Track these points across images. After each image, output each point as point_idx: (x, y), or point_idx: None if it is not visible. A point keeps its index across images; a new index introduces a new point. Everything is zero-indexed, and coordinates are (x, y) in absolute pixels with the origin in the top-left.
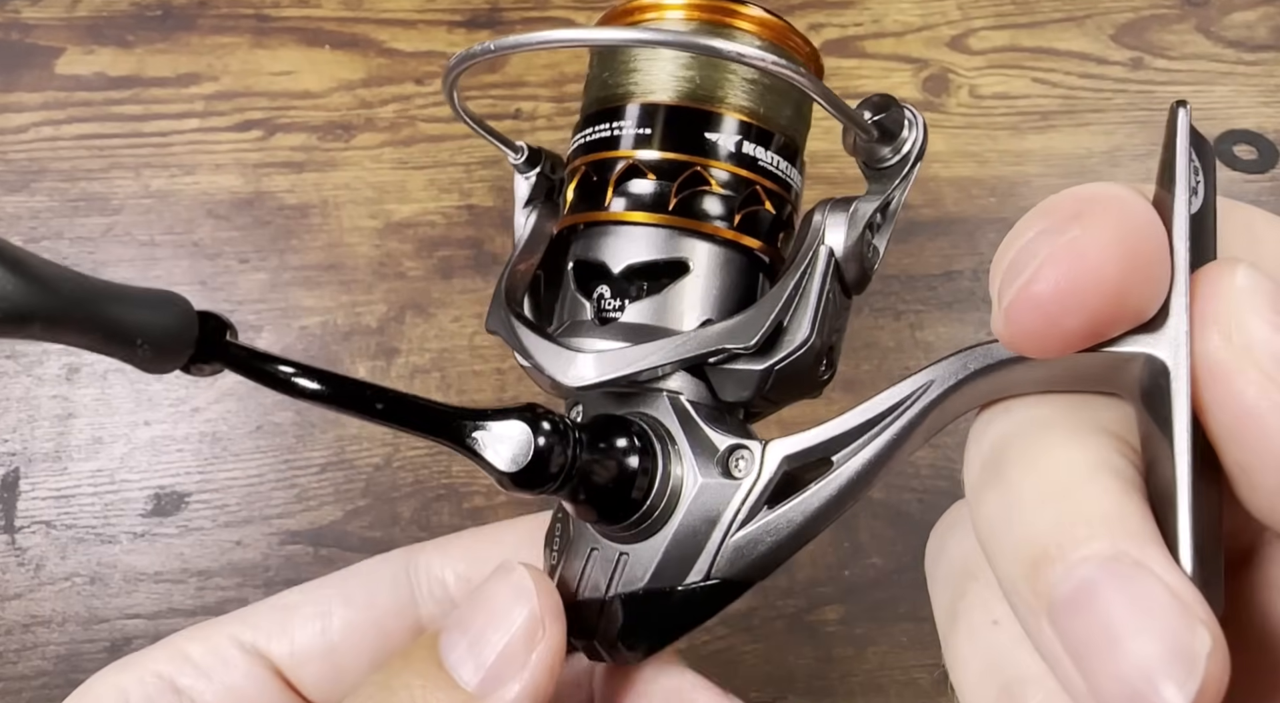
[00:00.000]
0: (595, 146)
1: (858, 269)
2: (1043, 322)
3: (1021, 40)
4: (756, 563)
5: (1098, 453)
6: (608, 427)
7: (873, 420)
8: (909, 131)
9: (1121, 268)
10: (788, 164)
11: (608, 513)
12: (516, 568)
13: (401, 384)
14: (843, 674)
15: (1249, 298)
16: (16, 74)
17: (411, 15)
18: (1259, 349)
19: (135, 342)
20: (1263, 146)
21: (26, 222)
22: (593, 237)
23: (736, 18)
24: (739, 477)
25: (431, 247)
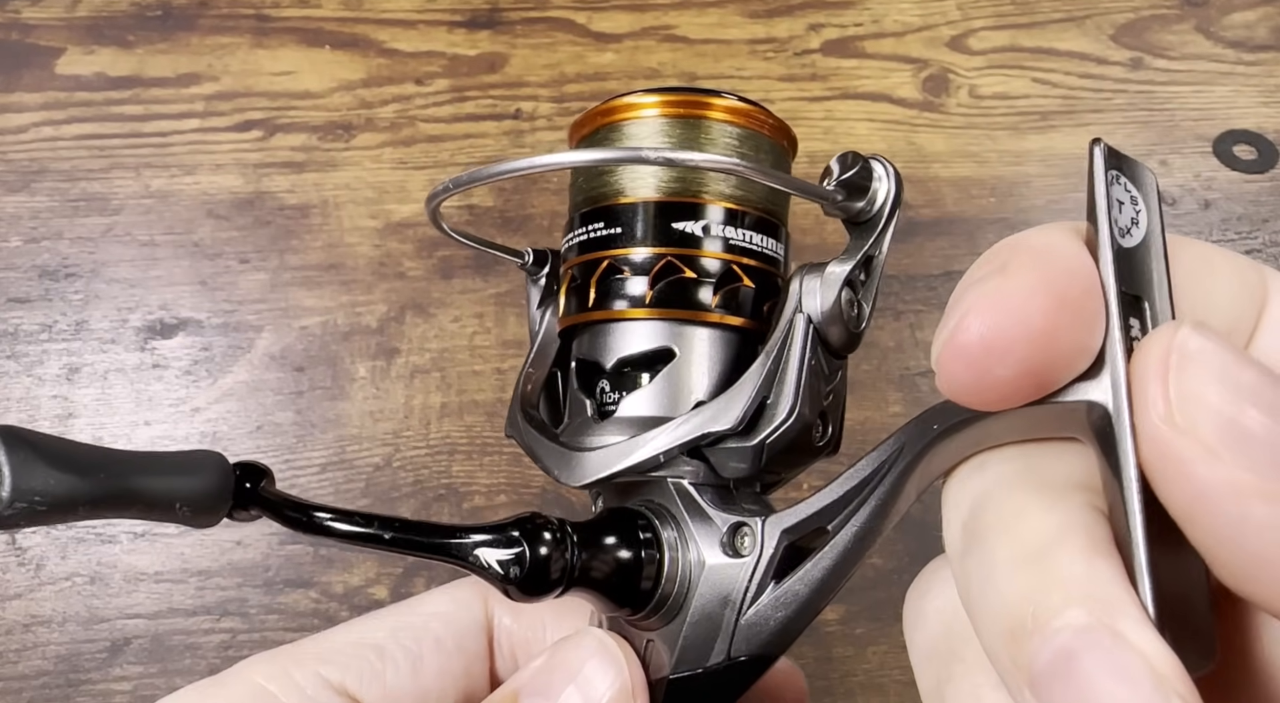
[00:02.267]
0: (577, 249)
1: (841, 332)
2: (972, 373)
3: (1021, 40)
4: (771, 638)
5: (1067, 513)
6: (610, 523)
7: (858, 487)
8: (879, 184)
9: (1047, 314)
10: (765, 237)
11: (622, 604)
12: (603, 635)
13: (401, 384)
14: (843, 674)
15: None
16: (17, 74)
17: (411, 15)
18: (1204, 429)
19: (175, 507)
20: (1263, 146)
21: (26, 222)
22: (587, 335)
23: (708, 109)
24: (745, 554)
25: (431, 247)
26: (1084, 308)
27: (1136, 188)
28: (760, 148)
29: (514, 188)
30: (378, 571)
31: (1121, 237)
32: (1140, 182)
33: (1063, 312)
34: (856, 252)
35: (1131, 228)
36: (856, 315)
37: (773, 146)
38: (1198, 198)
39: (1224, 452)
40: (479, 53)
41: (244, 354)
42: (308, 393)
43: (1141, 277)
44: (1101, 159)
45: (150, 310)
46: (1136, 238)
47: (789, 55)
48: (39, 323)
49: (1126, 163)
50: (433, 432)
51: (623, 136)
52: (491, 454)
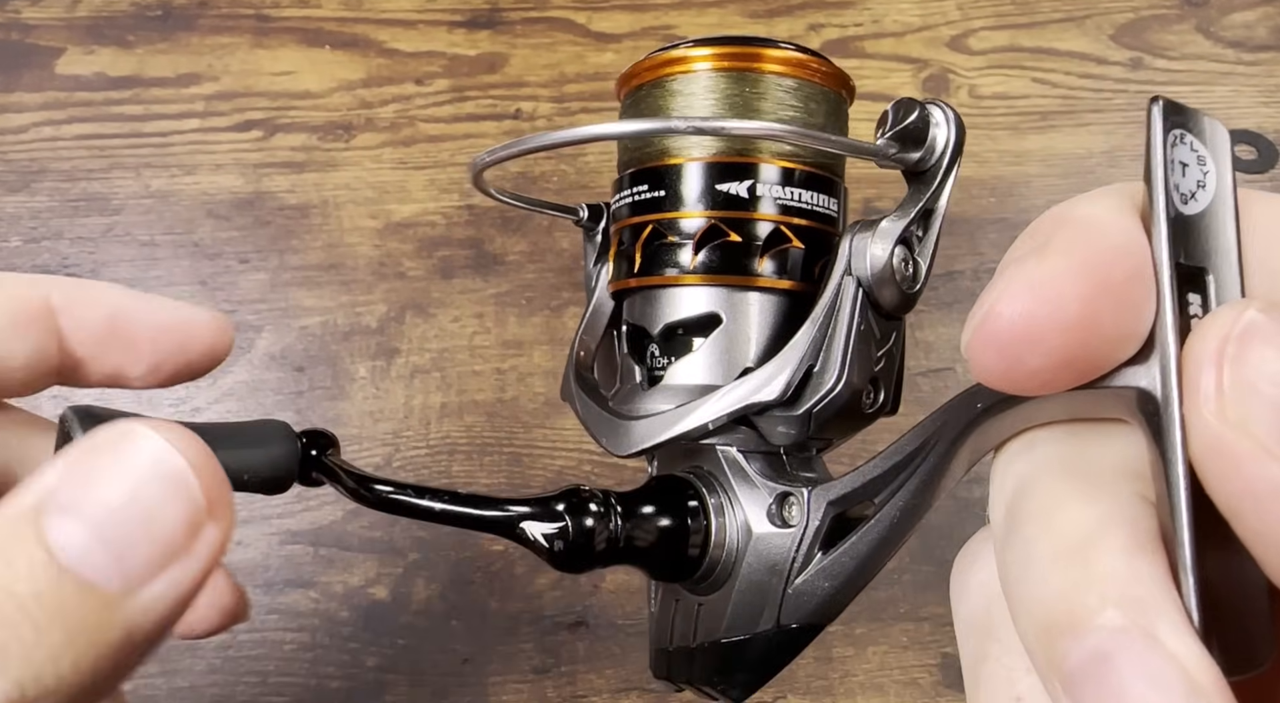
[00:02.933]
0: (625, 211)
1: (894, 293)
2: (1004, 362)
3: (1021, 40)
4: (820, 607)
5: (1112, 503)
6: (656, 492)
7: (904, 462)
8: (938, 130)
9: (1086, 300)
10: (817, 194)
11: (670, 573)
12: (148, 435)
13: (401, 384)
14: (843, 674)
15: (1252, 356)
16: (16, 74)
17: (411, 15)
18: (1258, 424)
19: (243, 478)
20: (1263, 147)
21: (26, 222)
22: (635, 301)
23: (762, 61)
24: (792, 524)
25: (432, 246)
26: (1129, 292)
27: (1205, 146)
28: (813, 99)
29: (514, 188)
30: (378, 571)
31: (1184, 203)
32: (1210, 138)
33: (1103, 297)
34: (913, 206)
35: (1197, 192)
36: (912, 274)
37: (827, 96)
38: None
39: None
40: (479, 53)
41: (244, 354)
42: (308, 393)
43: (1207, 246)
44: (1160, 119)
45: None
46: (1203, 203)
47: None
48: None
49: (1194, 118)
50: (433, 432)
51: (670, 93)
52: (491, 454)
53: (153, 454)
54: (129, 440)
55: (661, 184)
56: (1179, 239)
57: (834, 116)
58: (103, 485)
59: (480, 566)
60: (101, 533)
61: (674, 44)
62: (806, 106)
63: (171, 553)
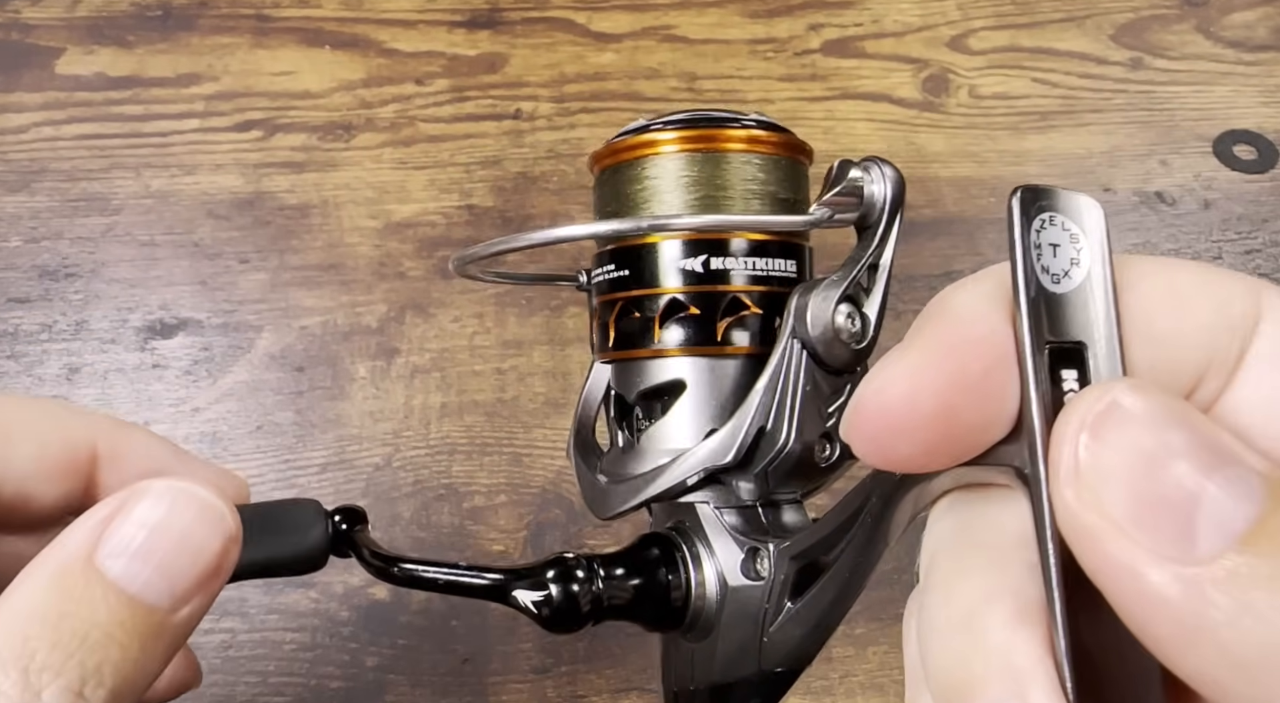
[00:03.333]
0: (599, 289)
1: (842, 351)
2: (875, 448)
3: (1021, 40)
4: (795, 653)
5: (1002, 574)
6: (637, 552)
7: (848, 520)
8: (875, 187)
9: (941, 394)
10: (775, 259)
11: (658, 625)
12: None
13: (401, 384)
14: (843, 674)
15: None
16: (16, 74)
17: (411, 15)
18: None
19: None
20: (1263, 146)
21: (26, 222)
22: (616, 368)
23: (725, 141)
24: (764, 576)
25: (432, 247)
26: (987, 383)
27: (1077, 223)
28: (775, 170)
29: (513, 188)
30: None
31: (1056, 283)
32: (1081, 215)
33: (960, 391)
34: (855, 263)
35: (1070, 269)
36: (860, 330)
37: (788, 165)
38: (1198, 198)
39: (1130, 527)
40: (479, 53)
41: (244, 354)
42: (308, 393)
43: (1084, 321)
44: (1019, 210)
45: (150, 310)
46: (1077, 279)
47: (789, 55)
48: (39, 323)
49: (1061, 198)
50: (433, 432)
51: (638, 179)
52: (491, 454)
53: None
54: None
55: (628, 264)
56: (1051, 318)
57: (795, 182)
58: (158, 527)
59: None
60: (161, 567)
61: (642, 126)
62: (770, 178)
63: (211, 575)
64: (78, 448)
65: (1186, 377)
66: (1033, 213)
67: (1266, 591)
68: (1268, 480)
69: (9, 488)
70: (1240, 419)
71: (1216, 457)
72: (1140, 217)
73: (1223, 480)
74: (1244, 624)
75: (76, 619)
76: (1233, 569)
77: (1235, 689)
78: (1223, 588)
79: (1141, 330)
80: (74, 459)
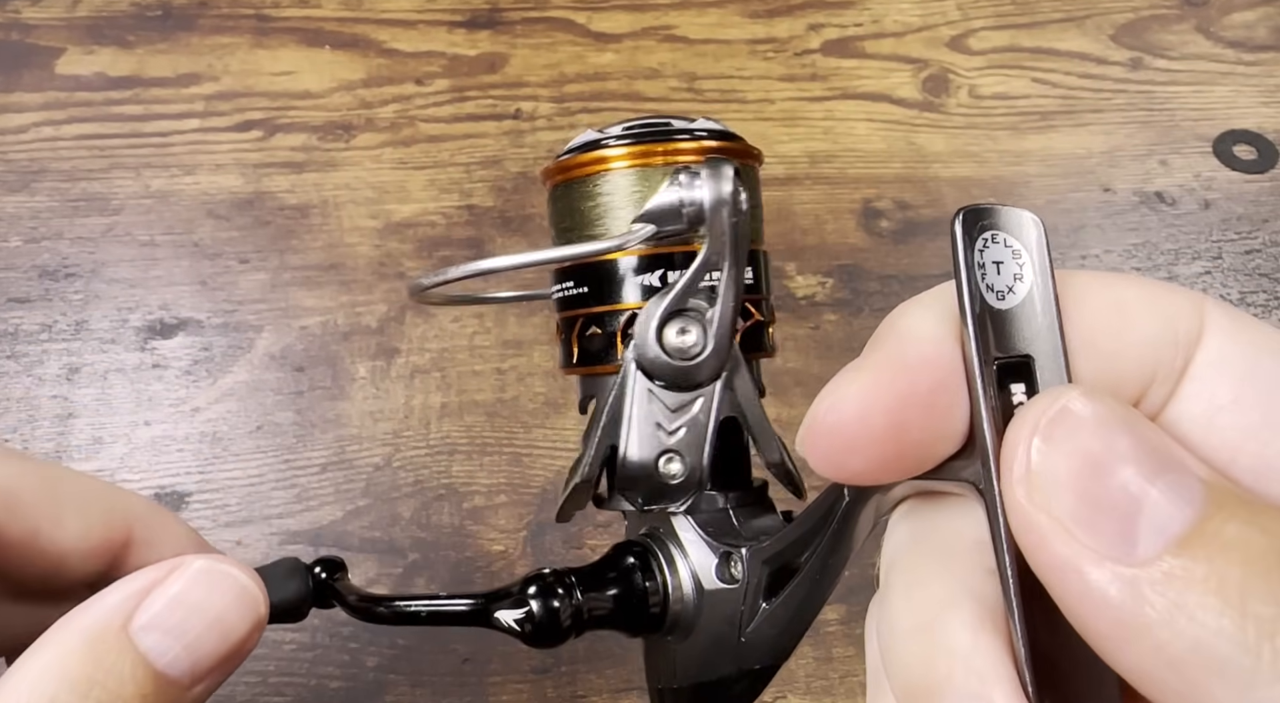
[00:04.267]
0: (558, 305)
1: (668, 368)
2: (828, 463)
3: (1021, 40)
4: (772, 650)
5: (962, 579)
6: (612, 562)
7: (816, 525)
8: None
9: (890, 412)
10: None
11: (639, 630)
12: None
13: (401, 384)
14: (843, 674)
15: (1059, 442)
16: (16, 74)
17: (411, 15)
18: (1058, 506)
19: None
20: (1263, 146)
21: (26, 221)
22: (581, 383)
23: (674, 154)
24: (738, 580)
25: (432, 247)
26: (935, 400)
27: (1019, 239)
28: None
29: (513, 188)
30: (378, 571)
31: (1000, 300)
32: (1022, 231)
33: (908, 408)
34: (682, 275)
35: (1014, 285)
36: (697, 341)
37: (746, 173)
38: (1198, 198)
39: (1075, 528)
40: (479, 53)
41: (244, 354)
42: (308, 393)
43: (1029, 335)
44: (961, 230)
45: (150, 310)
46: (1020, 294)
47: (789, 55)
48: (39, 323)
49: (1002, 215)
50: (433, 432)
51: (590, 195)
52: (491, 454)
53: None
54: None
55: (586, 280)
56: (998, 334)
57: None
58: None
59: (480, 566)
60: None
61: (592, 141)
62: None
63: (233, 656)
64: (116, 529)
65: (1132, 388)
66: (975, 233)
67: (1199, 593)
68: (1207, 487)
69: (48, 561)
70: (1184, 429)
71: (1160, 462)
72: (1140, 217)
73: (1165, 485)
74: (1177, 624)
75: (104, 689)
76: (1169, 571)
77: (1168, 686)
78: (1159, 589)
79: (1088, 344)
80: (112, 540)
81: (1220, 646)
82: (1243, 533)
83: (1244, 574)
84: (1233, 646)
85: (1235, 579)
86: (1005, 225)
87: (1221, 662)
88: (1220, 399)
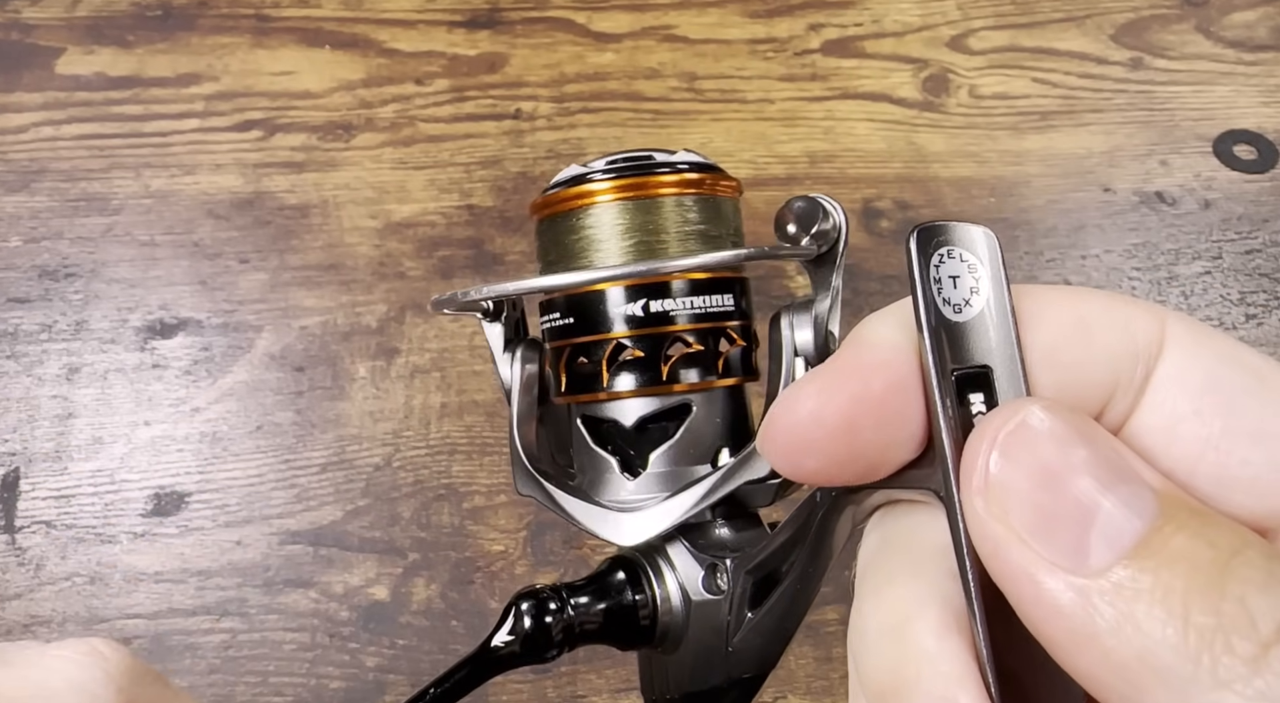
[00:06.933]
0: (545, 335)
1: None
2: (785, 461)
3: (1021, 40)
4: (758, 659)
5: (930, 583)
6: (602, 577)
7: (796, 535)
8: (835, 216)
9: (843, 413)
10: (710, 296)
11: (630, 643)
12: None
13: (401, 384)
14: (843, 675)
15: (1015, 452)
16: (16, 74)
17: (411, 15)
18: (1014, 515)
19: None
20: (1263, 146)
21: (26, 222)
22: (571, 409)
23: (657, 187)
24: (724, 590)
25: (431, 246)
26: (887, 402)
27: (974, 254)
28: (710, 208)
29: (513, 188)
30: (378, 571)
31: (958, 312)
32: (976, 247)
33: (861, 411)
34: (827, 285)
35: (971, 297)
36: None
37: (723, 203)
38: (1198, 198)
39: (1030, 538)
40: (479, 53)
41: (244, 354)
42: (308, 393)
43: (987, 346)
44: (916, 248)
45: (150, 310)
46: (977, 307)
47: (789, 55)
48: (39, 323)
49: (957, 231)
50: (433, 432)
51: (575, 226)
52: (491, 454)
53: None
54: None
55: (572, 312)
56: (954, 346)
57: (725, 217)
58: None
59: (480, 566)
60: None
61: (576, 176)
62: (701, 218)
63: None
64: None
65: (1093, 401)
66: (930, 249)
67: (1146, 603)
68: (1160, 497)
69: None
70: (1146, 441)
71: (1114, 474)
72: (1140, 217)
73: (1117, 498)
74: (1125, 633)
75: None
76: (1118, 582)
77: (1117, 691)
78: (1108, 599)
79: (1048, 357)
80: None
81: (1163, 654)
82: (1189, 545)
83: (1187, 586)
84: (1175, 654)
85: (1179, 590)
86: (959, 241)
87: (1165, 669)
88: (1181, 410)
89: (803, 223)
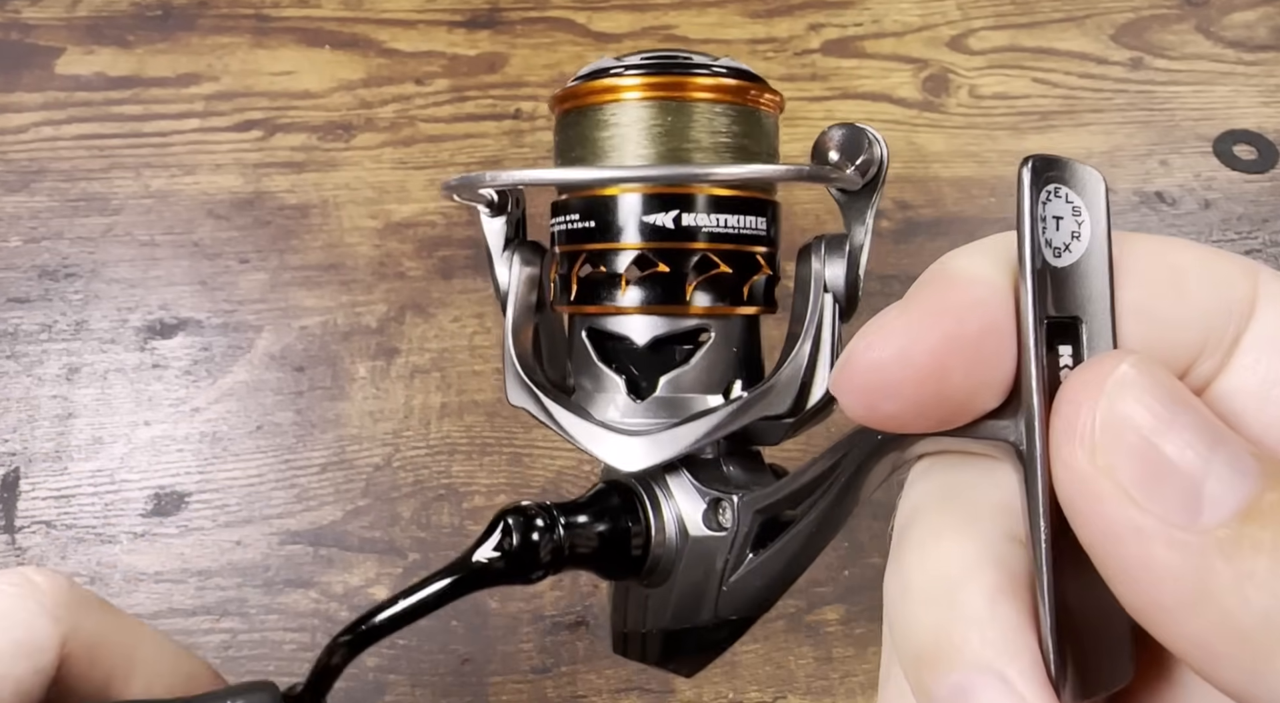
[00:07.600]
0: (558, 238)
1: (854, 301)
2: (862, 404)
3: (1021, 40)
4: (753, 601)
5: (984, 542)
6: (597, 500)
7: (820, 477)
8: (876, 146)
9: (935, 353)
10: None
11: (617, 573)
12: None
13: (401, 384)
14: (843, 674)
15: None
16: (16, 74)
17: (411, 15)
18: (1122, 470)
19: None
20: (1263, 146)
21: (26, 222)
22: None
23: (691, 89)
24: (725, 528)
25: (431, 246)
26: (981, 345)
27: (1081, 196)
28: (745, 122)
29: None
30: (378, 571)
31: (1056, 257)
32: (1085, 188)
33: (953, 350)
34: (864, 217)
35: (1071, 243)
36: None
37: (760, 117)
38: (1198, 198)
39: (1138, 495)
40: (479, 53)
41: (244, 354)
42: (308, 393)
43: (1081, 296)
44: (1029, 180)
45: (150, 310)
46: (1076, 253)
47: (789, 55)
48: (39, 323)
49: (1069, 169)
50: (433, 432)
51: (604, 122)
52: (491, 454)
53: None
54: None
55: (593, 215)
56: (1051, 292)
57: (769, 136)
58: None
59: None
60: None
61: (605, 68)
62: (740, 130)
63: None
64: (177, 690)
65: (1182, 358)
66: (1041, 183)
67: (1269, 557)
68: (1260, 461)
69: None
70: (1237, 403)
71: (1216, 434)
72: (1140, 217)
73: (1225, 457)
74: (1245, 592)
75: None
76: (1235, 538)
77: (1232, 656)
78: (1226, 555)
79: (1140, 310)
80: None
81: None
82: None
83: None
84: None
85: None
86: (1070, 180)
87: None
88: (1275, 373)
89: (846, 151)
